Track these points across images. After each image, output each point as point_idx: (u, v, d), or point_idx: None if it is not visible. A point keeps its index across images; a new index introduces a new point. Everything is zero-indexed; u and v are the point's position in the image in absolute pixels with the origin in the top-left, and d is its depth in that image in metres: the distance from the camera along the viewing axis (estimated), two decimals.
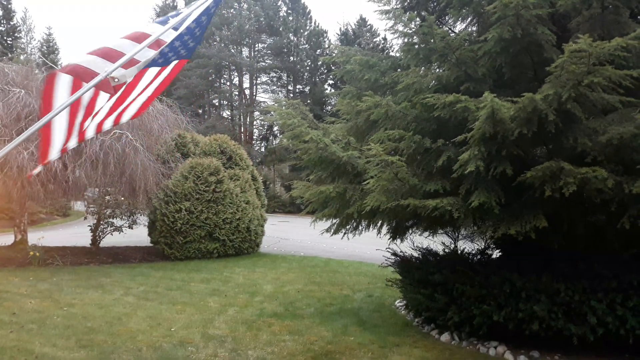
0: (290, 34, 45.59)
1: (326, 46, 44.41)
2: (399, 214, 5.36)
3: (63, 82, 2.72)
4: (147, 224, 13.36)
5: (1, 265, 10.57)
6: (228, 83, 47.07)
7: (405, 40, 5.91)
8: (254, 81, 47.22)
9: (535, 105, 4.24)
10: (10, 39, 39.51)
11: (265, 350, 5.56)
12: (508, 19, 4.92)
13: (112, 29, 76.20)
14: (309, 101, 39.96)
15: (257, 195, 14.04)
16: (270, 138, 45.03)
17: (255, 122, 46.47)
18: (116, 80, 2.74)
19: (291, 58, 45.64)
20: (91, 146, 10.01)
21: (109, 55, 2.79)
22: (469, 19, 6.31)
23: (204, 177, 12.38)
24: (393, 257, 7.01)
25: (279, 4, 46.90)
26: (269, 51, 46.44)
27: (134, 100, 3.28)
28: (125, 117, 3.37)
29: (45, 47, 41.43)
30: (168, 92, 32.81)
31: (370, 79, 6.51)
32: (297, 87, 46.88)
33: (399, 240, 6.97)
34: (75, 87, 2.73)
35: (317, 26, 45.95)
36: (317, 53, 43.96)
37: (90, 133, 3.19)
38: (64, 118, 2.87)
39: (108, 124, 3.30)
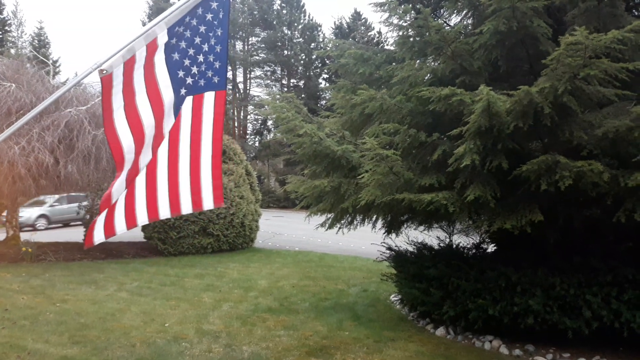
0: (284, 28, 45.35)
1: (320, 40, 44.25)
2: (394, 208, 5.33)
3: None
4: None
5: None
6: None
7: (400, 33, 5.86)
8: (248, 75, 47.00)
9: (531, 99, 4.21)
10: (0, 32, 39.08)
11: (260, 345, 5.53)
12: (504, 11, 4.89)
13: (104, 24, 75.64)
14: (303, 95, 39.84)
15: (251, 190, 13.98)
16: (265, 132, 44.89)
17: (249, 117, 46.32)
18: (104, 72, 2.70)
19: (285, 52, 45.43)
20: (83, 140, 9.91)
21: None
22: (465, 11, 6.27)
23: None
24: (388, 251, 6.99)
25: None
26: (263, 45, 46.19)
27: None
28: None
29: (36, 41, 41.01)
30: None
31: (364, 73, 6.47)
32: (292, 81, 46.70)
33: (394, 235, 6.95)
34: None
35: (311, 19, 45.76)
36: (312, 47, 43.77)
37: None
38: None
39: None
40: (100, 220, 3.22)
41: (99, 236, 3.22)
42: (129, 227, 3.27)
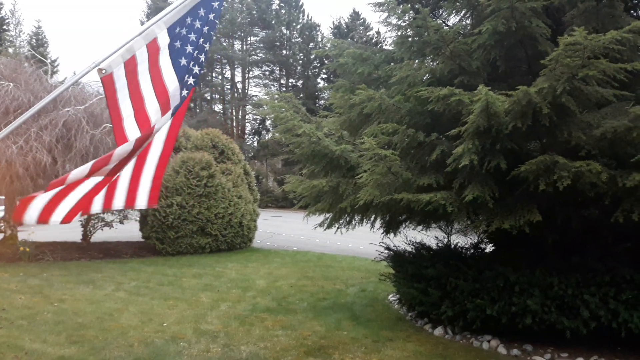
0: (283, 27, 45.37)
1: (319, 40, 44.27)
2: (392, 208, 5.33)
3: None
4: (138, 218, 13.26)
5: None
6: (220, 76, 46.79)
7: (399, 33, 5.87)
8: (246, 75, 47.01)
9: (530, 99, 4.22)
10: None
11: (258, 345, 5.52)
12: (502, 11, 4.89)
13: (102, 24, 75.54)
14: (301, 95, 39.85)
15: (250, 189, 13.97)
16: (263, 132, 44.89)
17: (247, 116, 46.33)
18: (104, 71, 2.69)
19: (284, 51, 45.46)
20: (81, 140, 9.89)
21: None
22: (463, 11, 6.27)
23: (195, 171, 12.29)
24: (386, 251, 6.98)
25: None
26: (261, 44, 46.21)
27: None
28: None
29: (34, 40, 40.94)
30: None
31: (363, 73, 6.46)
32: (290, 80, 46.70)
33: (392, 235, 6.95)
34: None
35: (310, 19, 45.77)
36: (310, 46, 43.80)
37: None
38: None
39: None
40: (41, 199, 2.85)
41: (30, 215, 2.84)
42: (63, 221, 2.99)
